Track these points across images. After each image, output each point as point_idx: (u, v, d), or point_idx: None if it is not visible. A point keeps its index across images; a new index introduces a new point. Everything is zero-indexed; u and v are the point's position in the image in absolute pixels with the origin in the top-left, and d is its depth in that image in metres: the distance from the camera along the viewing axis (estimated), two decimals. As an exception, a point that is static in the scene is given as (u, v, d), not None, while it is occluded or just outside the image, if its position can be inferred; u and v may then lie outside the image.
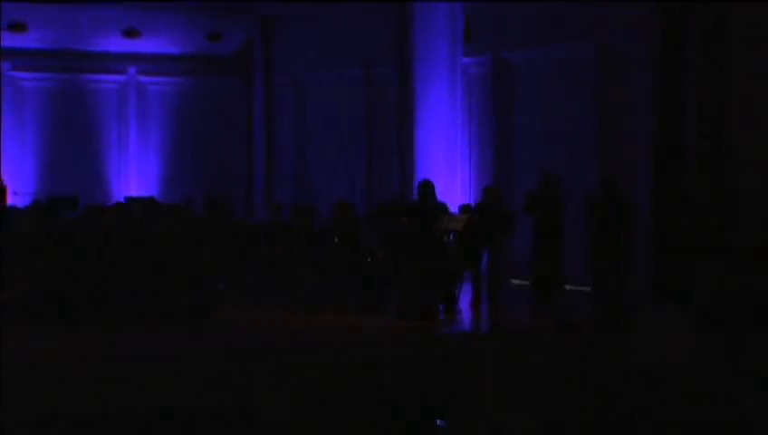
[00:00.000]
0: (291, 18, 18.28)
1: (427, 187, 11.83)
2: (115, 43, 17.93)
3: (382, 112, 17.11)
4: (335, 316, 11.63)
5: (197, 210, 14.74)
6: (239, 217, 15.90)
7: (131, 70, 18.49)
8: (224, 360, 9.07)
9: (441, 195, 14.15)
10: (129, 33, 17.64)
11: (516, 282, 14.27)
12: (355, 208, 13.38)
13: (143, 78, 18.61)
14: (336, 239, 12.54)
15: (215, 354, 9.32)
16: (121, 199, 15.81)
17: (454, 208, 13.00)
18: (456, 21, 15.80)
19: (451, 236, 12.09)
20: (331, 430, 6.58)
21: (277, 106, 18.82)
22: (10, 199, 15.31)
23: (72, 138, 18.02)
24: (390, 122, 16.70)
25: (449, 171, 15.57)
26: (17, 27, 16.86)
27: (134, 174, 18.27)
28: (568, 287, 12.58)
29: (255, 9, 18.06)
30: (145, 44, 18.05)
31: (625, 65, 14.07)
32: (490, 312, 12.09)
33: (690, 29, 13.09)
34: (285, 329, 10.81)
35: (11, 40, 17.04)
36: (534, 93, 15.18)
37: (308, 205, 14.43)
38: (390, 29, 16.49)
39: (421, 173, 15.30)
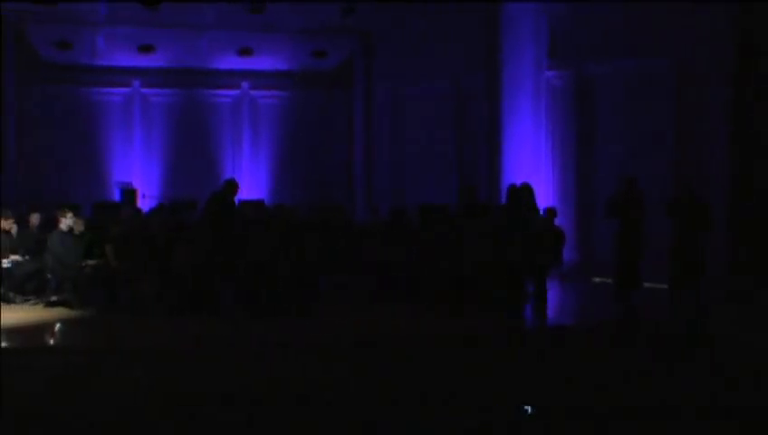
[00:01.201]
0: (388, 35, 18.52)
1: (527, 190, 12.04)
2: (230, 62, 18.52)
3: (471, 122, 17.26)
4: (431, 313, 11.34)
5: (304, 212, 14.89)
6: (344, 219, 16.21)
7: (245, 85, 19.12)
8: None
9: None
10: (243, 52, 18.17)
11: (597, 280, 14.33)
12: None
13: (255, 92, 19.20)
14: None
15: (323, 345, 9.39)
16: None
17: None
18: (540, 36, 15.85)
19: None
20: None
21: (375, 116, 19.05)
22: (139, 202, 16.06)
23: (192, 146, 18.76)
24: (479, 131, 16.84)
25: (534, 177, 15.61)
26: (146, 49, 17.71)
27: (246, 179, 18.58)
28: (647, 285, 12.32)
29: (356, 28, 18.30)
30: (257, 62, 18.57)
31: (701, 78, 14.13)
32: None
33: (765, 43, 13.16)
34: (386, 326, 10.59)
35: (141, 60, 17.96)
36: (614, 104, 15.31)
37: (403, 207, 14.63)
38: (480, 44, 16.64)
39: (507, 179, 15.47)
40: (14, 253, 12.30)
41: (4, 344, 9.82)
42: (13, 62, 17.46)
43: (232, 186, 12.10)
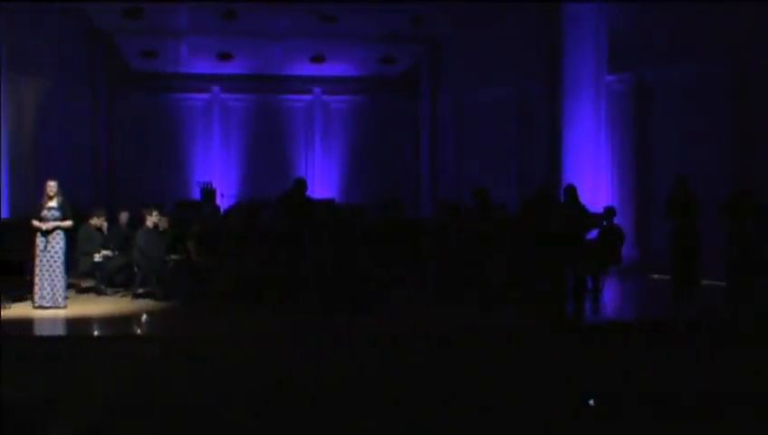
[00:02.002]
0: (453, 43, 18.53)
1: (572, 191, 12.28)
2: (304, 68, 18.70)
3: (533, 124, 17.20)
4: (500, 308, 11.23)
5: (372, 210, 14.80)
6: (409, 217, 16.17)
7: (317, 90, 19.29)
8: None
9: (588, 201, 14.53)
10: (316, 59, 18.32)
11: (656, 277, 14.24)
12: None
13: (326, 97, 19.35)
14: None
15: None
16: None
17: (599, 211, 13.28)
18: (600, 42, 15.67)
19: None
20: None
21: (441, 119, 19.03)
22: (218, 201, 16.32)
23: (267, 148, 18.97)
24: (540, 134, 16.76)
25: (594, 179, 15.53)
26: (225, 57, 17.99)
27: (318, 178, 18.81)
28: (705, 283, 12.18)
29: (422, 36, 18.33)
30: (328, 68, 18.72)
31: (759, 81, 13.94)
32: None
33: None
34: (456, 321, 10.48)
35: (220, 68, 18.25)
36: (672, 107, 15.14)
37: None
38: (541, 50, 16.56)
39: (567, 181, 15.49)
40: (105, 248, 12.63)
41: (96, 332, 10.21)
42: (104, 71, 17.96)
43: (299, 185, 12.29)
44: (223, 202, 16.44)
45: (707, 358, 8.47)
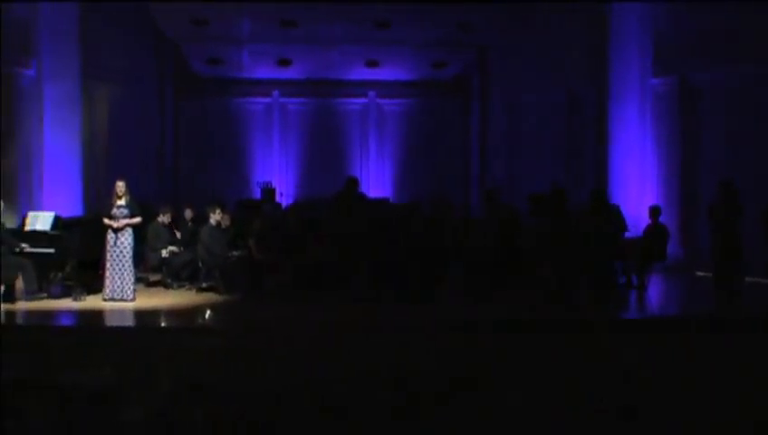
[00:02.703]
0: (502, 47, 18.44)
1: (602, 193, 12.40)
2: (359, 73, 18.73)
3: (580, 128, 17.08)
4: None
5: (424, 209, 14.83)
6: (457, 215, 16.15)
7: (371, 94, 19.31)
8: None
9: (633, 201, 14.43)
10: (371, 64, 18.37)
11: (701, 274, 14.07)
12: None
13: (381, 100, 19.35)
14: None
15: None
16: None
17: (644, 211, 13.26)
18: (645, 44, 15.60)
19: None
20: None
21: (490, 121, 18.96)
22: (277, 199, 16.42)
23: (324, 149, 19.04)
24: (587, 136, 16.70)
25: (640, 179, 15.43)
26: (284, 62, 18.12)
27: (372, 178, 18.91)
28: (748, 280, 12.05)
29: (473, 41, 18.31)
30: (383, 73, 18.75)
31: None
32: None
33: None
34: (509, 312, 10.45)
35: (280, 73, 18.39)
36: (717, 109, 14.91)
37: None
38: (588, 54, 16.50)
39: (614, 182, 15.48)
40: (172, 245, 12.84)
41: (163, 324, 10.38)
42: (172, 77, 18.22)
43: (351, 184, 12.35)
44: (282, 201, 16.53)
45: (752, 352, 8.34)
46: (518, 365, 7.69)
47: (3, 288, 10.99)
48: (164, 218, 13.00)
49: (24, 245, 11.33)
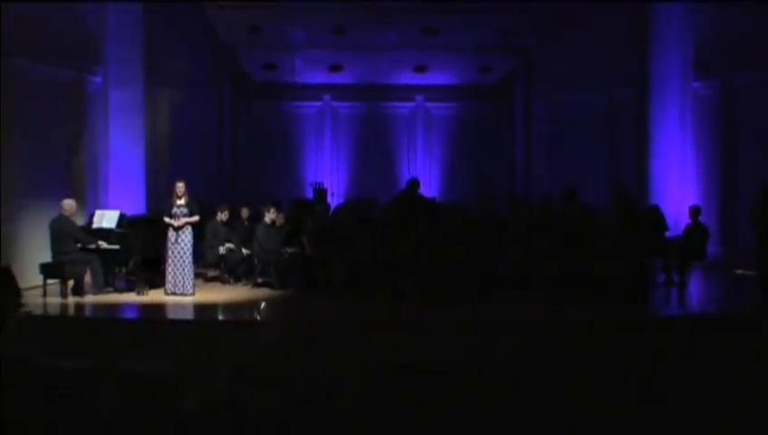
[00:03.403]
0: (546, 51, 18.34)
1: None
2: (407, 78, 18.71)
3: (621, 129, 16.91)
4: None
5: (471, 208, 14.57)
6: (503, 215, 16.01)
7: (419, 98, 19.24)
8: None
9: (674, 201, 14.27)
10: (418, 69, 18.34)
11: (740, 272, 13.81)
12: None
13: (428, 104, 19.27)
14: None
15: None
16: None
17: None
18: (687, 49, 15.37)
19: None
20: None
21: (533, 124, 18.86)
22: (329, 199, 16.49)
23: (373, 151, 19.05)
24: (628, 139, 16.51)
25: (680, 181, 15.24)
26: (336, 68, 18.17)
27: (419, 179, 18.60)
28: None
29: (517, 46, 18.24)
30: (430, 78, 18.70)
31: None
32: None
33: None
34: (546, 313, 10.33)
35: (331, 78, 18.46)
36: (758, 114, 14.59)
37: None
38: (629, 58, 16.29)
39: (655, 182, 15.32)
40: (228, 241, 12.98)
41: (220, 317, 10.51)
42: (229, 82, 18.41)
43: (413, 184, 12.39)
44: (333, 200, 16.62)
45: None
46: (565, 363, 7.67)
47: (72, 283, 11.23)
48: (221, 217, 13.14)
49: (101, 242, 11.57)
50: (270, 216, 12.62)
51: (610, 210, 12.70)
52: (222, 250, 12.84)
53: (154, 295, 11.42)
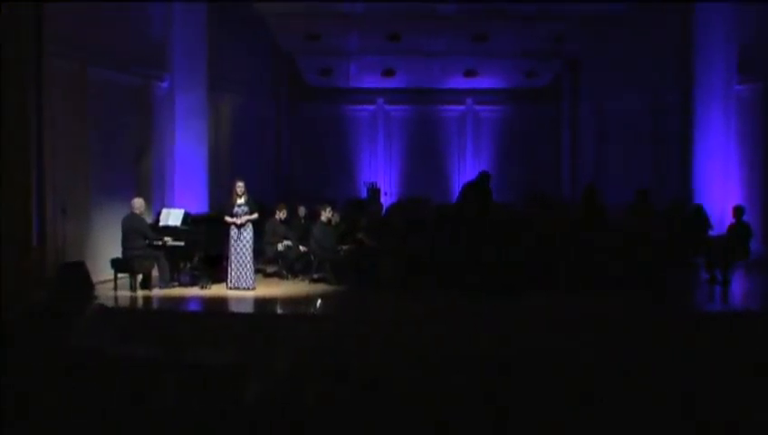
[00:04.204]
0: (592, 56, 18.14)
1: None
2: (457, 82, 18.63)
3: (665, 131, 16.55)
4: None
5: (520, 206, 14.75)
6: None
7: (469, 101, 19.19)
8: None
9: (718, 201, 14.02)
10: (468, 73, 18.23)
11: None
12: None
13: (478, 107, 19.21)
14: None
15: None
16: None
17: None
18: (731, 52, 15.02)
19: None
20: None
21: (580, 127, 18.70)
22: (382, 199, 16.52)
23: (424, 153, 19.02)
24: (672, 140, 16.18)
25: (723, 181, 14.96)
26: (389, 73, 18.14)
27: (469, 179, 18.65)
28: None
29: (563, 51, 18.05)
30: (480, 82, 18.59)
31: None
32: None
33: None
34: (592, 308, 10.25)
35: (384, 82, 18.46)
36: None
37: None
38: (673, 62, 16.04)
39: (698, 182, 15.05)
40: (287, 239, 13.10)
41: (279, 311, 10.62)
42: (286, 87, 18.57)
43: (485, 177, 12.39)
44: (385, 200, 16.63)
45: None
46: (606, 361, 7.60)
47: (141, 277, 11.45)
48: (280, 216, 13.24)
49: (167, 238, 11.78)
50: (326, 214, 12.67)
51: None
52: (280, 247, 12.93)
53: (216, 290, 11.55)
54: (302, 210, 13.91)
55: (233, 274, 11.48)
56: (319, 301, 10.96)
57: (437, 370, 6.80)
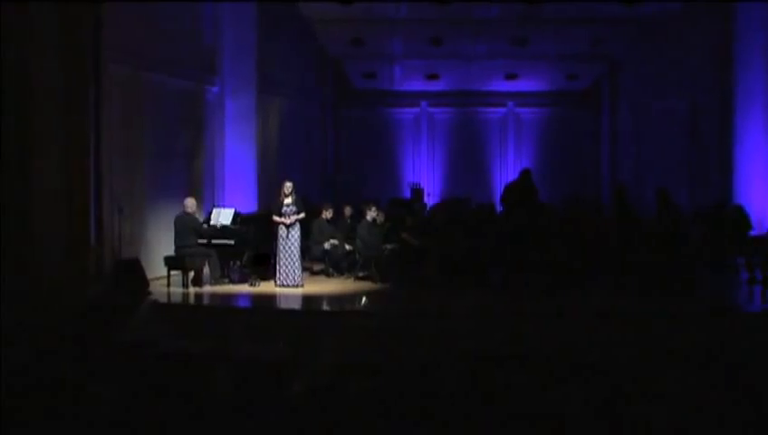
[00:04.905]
0: (632, 59, 17.85)
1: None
2: (499, 85, 18.49)
3: (705, 134, 16.23)
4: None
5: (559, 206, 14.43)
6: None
7: (510, 104, 19.00)
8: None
9: (759, 201, 13.76)
10: (509, 76, 18.07)
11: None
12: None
13: (518, 109, 19.03)
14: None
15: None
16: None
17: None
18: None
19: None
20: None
21: (619, 129, 18.40)
22: (425, 198, 16.48)
23: (466, 153, 18.88)
24: (712, 142, 15.88)
25: (765, 181, 14.57)
26: (432, 76, 18.07)
27: (510, 180, 18.27)
28: None
29: (603, 54, 17.81)
30: (520, 84, 18.43)
31: None
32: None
33: None
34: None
35: (428, 85, 18.41)
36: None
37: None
38: (713, 64, 15.73)
39: (739, 183, 14.71)
40: (333, 238, 13.10)
41: (326, 307, 10.64)
42: (332, 89, 18.61)
43: (526, 174, 12.30)
44: (428, 200, 16.55)
45: None
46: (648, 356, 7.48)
47: (192, 274, 11.54)
48: (326, 215, 13.27)
49: (226, 240, 11.87)
50: (371, 214, 12.69)
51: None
52: (327, 246, 12.96)
53: (265, 287, 11.62)
54: (347, 210, 13.94)
55: (281, 271, 11.53)
56: (364, 298, 10.96)
57: (479, 367, 6.72)
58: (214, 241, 11.85)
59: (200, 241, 11.73)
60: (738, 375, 6.42)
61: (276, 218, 11.56)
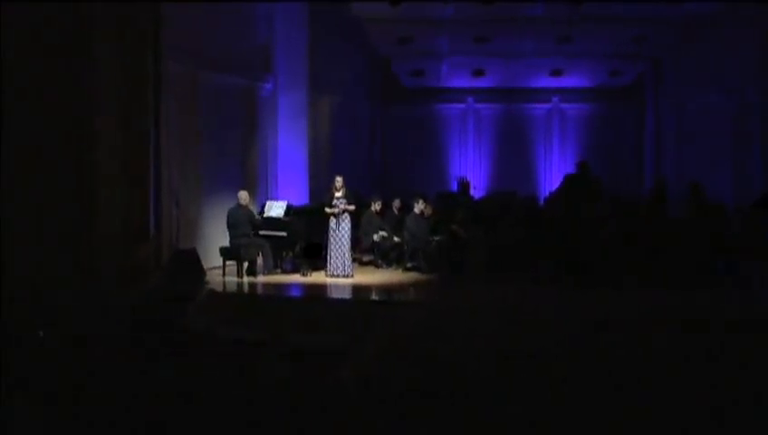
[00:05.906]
0: (676, 56, 17.51)
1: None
2: (544, 81, 18.28)
3: (749, 130, 15.63)
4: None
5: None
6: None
7: (555, 99, 18.81)
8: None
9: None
10: (554, 73, 17.84)
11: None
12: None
13: (563, 105, 18.83)
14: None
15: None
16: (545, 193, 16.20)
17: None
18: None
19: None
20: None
21: (662, 125, 18.08)
22: (471, 192, 16.28)
23: (511, 149, 18.73)
24: (755, 140, 15.32)
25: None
26: (478, 73, 17.94)
27: (555, 175, 18.16)
28: None
29: (645, 52, 17.45)
30: (565, 81, 18.20)
31: None
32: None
33: None
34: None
35: (474, 82, 18.26)
36: None
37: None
38: (757, 60, 15.21)
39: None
40: (382, 230, 13.01)
41: (375, 297, 10.53)
42: (381, 86, 18.55)
43: (584, 167, 12.06)
44: (475, 194, 16.40)
45: None
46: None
47: (247, 264, 11.53)
48: (375, 208, 13.21)
49: (279, 232, 11.82)
50: (419, 207, 12.63)
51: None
52: (376, 238, 12.90)
53: (317, 277, 11.59)
54: (396, 203, 13.86)
55: (332, 262, 11.48)
56: (412, 288, 10.84)
57: (525, 357, 6.52)
58: (267, 232, 11.83)
59: (257, 232, 11.73)
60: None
61: (327, 210, 11.51)
